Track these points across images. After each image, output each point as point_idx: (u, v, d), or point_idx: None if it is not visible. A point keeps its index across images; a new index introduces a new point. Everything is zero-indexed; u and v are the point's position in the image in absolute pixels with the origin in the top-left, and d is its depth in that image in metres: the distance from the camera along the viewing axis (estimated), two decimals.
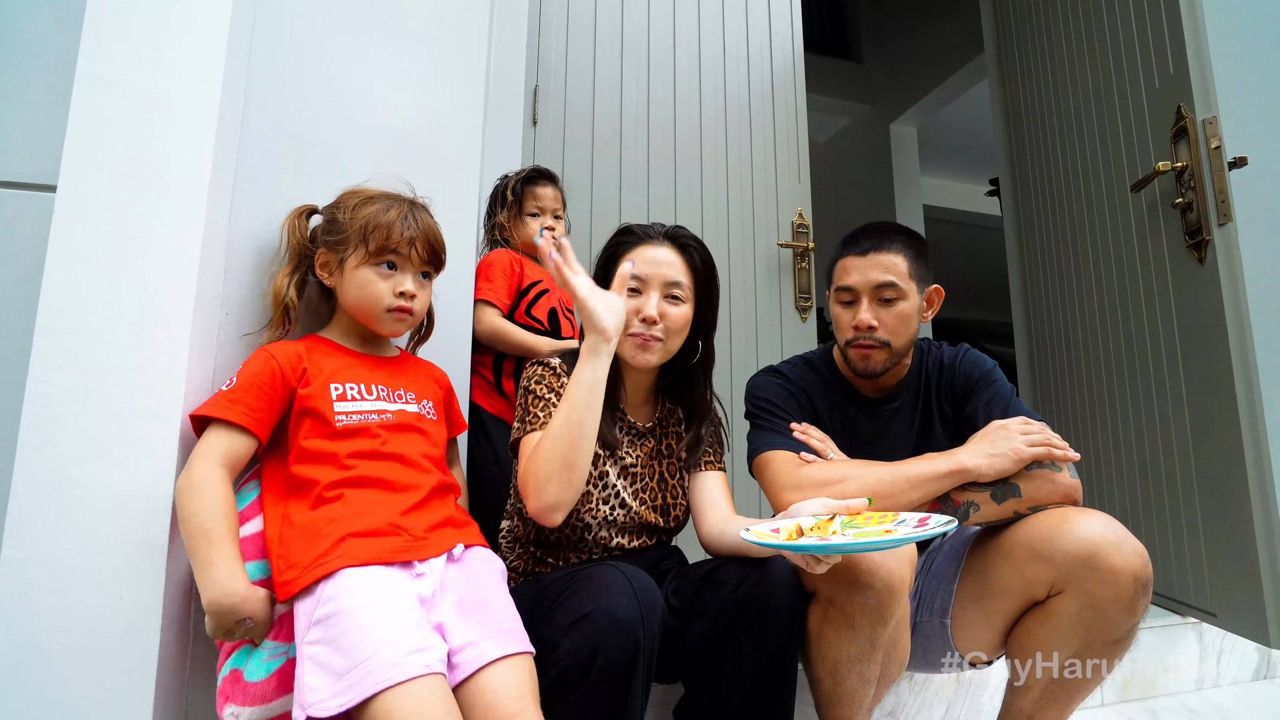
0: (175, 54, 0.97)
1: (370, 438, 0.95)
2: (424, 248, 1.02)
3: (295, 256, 1.03)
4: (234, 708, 0.82)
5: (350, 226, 0.99)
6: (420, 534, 0.91)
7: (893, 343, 1.18)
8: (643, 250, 1.10)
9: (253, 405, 0.91)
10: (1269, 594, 1.37)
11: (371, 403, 0.98)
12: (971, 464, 1.05)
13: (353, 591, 0.80)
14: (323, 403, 0.94)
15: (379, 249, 0.98)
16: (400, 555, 0.87)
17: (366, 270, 0.99)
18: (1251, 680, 1.74)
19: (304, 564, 0.84)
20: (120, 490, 0.87)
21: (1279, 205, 2.11)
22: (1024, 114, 2.36)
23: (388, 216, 0.99)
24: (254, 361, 0.94)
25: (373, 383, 1.00)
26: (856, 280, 1.19)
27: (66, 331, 0.87)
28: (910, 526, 0.85)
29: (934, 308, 1.25)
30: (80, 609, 0.83)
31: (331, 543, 0.85)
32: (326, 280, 1.02)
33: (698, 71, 2.17)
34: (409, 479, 0.95)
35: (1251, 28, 2.21)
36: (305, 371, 0.96)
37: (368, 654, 0.74)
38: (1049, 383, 2.23)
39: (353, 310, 1.02)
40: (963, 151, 5.34)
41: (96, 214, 0.90)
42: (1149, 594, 0.97)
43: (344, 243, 0.99)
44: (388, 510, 0.90)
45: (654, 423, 1.17)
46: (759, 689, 0.98)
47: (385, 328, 1.02)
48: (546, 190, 1.60)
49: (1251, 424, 1.43)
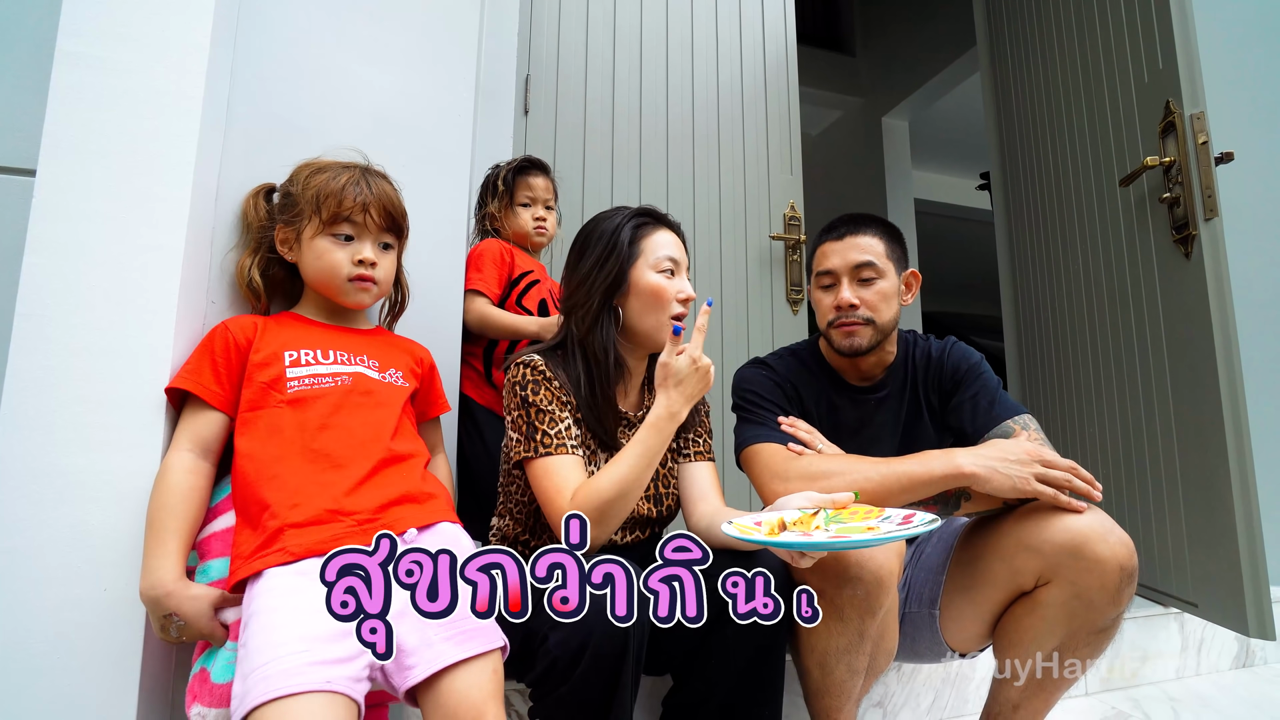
0: (158, 32, 0.95)
1: (319, 405, 0.90)
2: (379, 213, 0.98)
3: (256, 237, 1.02)
4: (200, 708, 0.79)
5: (303, 197, 0.97)
6: (368, 514, 0.84)
7: (876, 319, 1.20)
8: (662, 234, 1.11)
9: (205, 374, 0.89)
10: (1248, 585, 1.39)
11: (326, 366, 0.94)
12: (970, 469, 1.03)
13: (272, 591, 0.76)
14: (275, 369, 0.91)
15: (332, 217, 0.96)
16: (339, 542, 0.76)
17: (322, 240, 0.97)
18: (1231, 669, 1.77)
19: (245, 554, 0.81)
20: (103, 479, 0.85)
21: (1265, 200, 2.14)
22: (1015, 108, 2.36)
23: (338, 183, 0.97)
24: (209, 334, 0.93)
25: (331, 348, 0.97)
26: (835, 263, 1.22)
27: (46, 317, 0.86)
28: (894, 524, 0.85)
29: (912, 291, 1.27)
30: (64, 600, 0.82)
31: (268, 535, 0.81)
32: (287, 256, 1.00)
33: (690, 63, 2.16)
34: (358, 451, 0.89)
35: (1239, 24, 2.23)
36: (258, 338, 0.93)
37: (262, 661, 0.68)
38: (1036, 375, 2.25)
39: (314, 283, 1.00)
40: (954, 145, 5.36)
41: (77, 198, 0.89)
42: (1134, 584, 0.98)
43: (299, 215, 0.97)
44: (329, 491, 0.84)
45: (644, 411, 1.17)
46: (747, 680, 0.98)
47: (349, 298, 1.00)
48: (538, 180, 1.59)
49: (1234, 417, 1.45)
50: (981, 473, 1.02)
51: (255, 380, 0.90)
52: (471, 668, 0.77)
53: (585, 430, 1.08)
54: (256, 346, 0.92)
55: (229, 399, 0.90)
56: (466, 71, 1.31)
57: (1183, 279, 1.58)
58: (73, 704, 0.81)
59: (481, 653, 0.78)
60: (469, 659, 0.77)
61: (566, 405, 1.05)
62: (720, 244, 2.10)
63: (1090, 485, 1.01)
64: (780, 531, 0.88)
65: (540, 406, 1.02)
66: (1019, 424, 1.13)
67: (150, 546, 0.81)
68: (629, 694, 0.87)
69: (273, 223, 1.01)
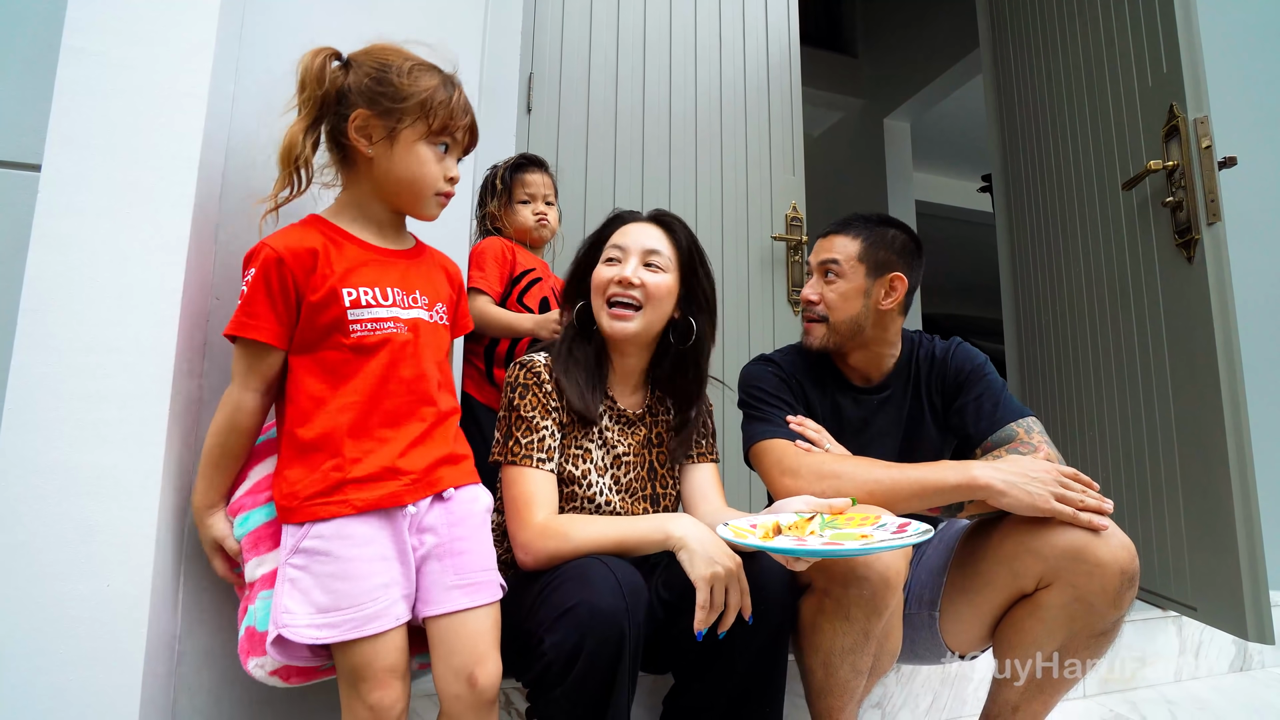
0: (164, 28, 0.94)
1: (380, 356, 0.89)
2: (472, 135, 0.96)
3: (316, 108, 0.89)
4: (257, 659, 0.87)
5: (408, 93, 0.88)
6: (419, 473, 0.89)
7: (830, 318, 1.23)
8: (626, 227, 1.14)
9: (268, 319, 0.85)
10: (1248, 589, 1.40)
11: (386, 309, 0.90)
12: (985, 480, 1.01)
13: (343, 538, 0.84)
14: (335, 309, 0.87)
15: (441, 128, 0.90)
16: (396, 501, 0.87)
17: (425, 148, 0.90)
18: (1228, 673, 1.77)
19: (302, 496, 0.85)
20: (107, 475, 0.85)
21: (1267, 205, 2.14)
22: (1017, 111, 2.36)
23: (448, 94, 0.91)
24: (260, 267, 0.85)
25: (388, 285, 0.91)
26: (812, 259, 1.28)
27: (50, 313, 0.85)
28: (889, 532, 0.86)
29: (895, 294, 1.22)
30: (67, 596, 0.82)
31: (329, 485, 0.85)
32: (364, 147, 0.89)
33: (693, 62, 2.16)
34: (416, 408, 0.91)
35: (1244, 29, 2.23)
36: (317, 273, 0.87)
37: (352, 602, 0.82)
38: (1037, 377, 2.25)
39: (394, 186, 0.91)
40: (956, 147, 5.36)
41: (82, 194, 0.88)
42: (1135, 587, 0.98)
43: (399, 112, 0.88)
44: (389, 450, 0.88)
45: (644, 410, 1.17)
46: (750, 679, 0.99)
47: (427, 211, 0.94)
48: (536, 176, 1.59)
49: (1235, 422, 1.45)
50: (999, 485, 1.00)
51: (316, 320, 0.87)
52: (479, 614, 0.89)
53: (567, 411, 1.08)
54: (313, 285, 0.87)
55: (289, 336, 0.88)
56: (469, 70, 1.30)
57: (1185, 283, 1.58)
58: (74, 701, 0.81)
59: (487, 603, 0.90)
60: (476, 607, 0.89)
61: (551, 413, 1.06)
62: (722, 243, 2.10)
63: (1100, 501, 1.01)
64: (775, 536, 0.88)
65: (521, 413, 1.05)
66: (1022, 427, 1.13)
67: (203, 476, 0.90)
68: (625, 694, 0.88)
69: (343, 100, 0.89)
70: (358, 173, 0.93)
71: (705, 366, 1.18)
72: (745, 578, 0.93)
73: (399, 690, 0.85)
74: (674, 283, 1.11)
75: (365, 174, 0.92)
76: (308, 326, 0.87)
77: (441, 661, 0.87)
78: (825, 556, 0.84)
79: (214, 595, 1.00)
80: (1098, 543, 0.97)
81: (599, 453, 1.11)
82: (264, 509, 0.90)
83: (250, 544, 0.89)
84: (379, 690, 0.83)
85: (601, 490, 1.09)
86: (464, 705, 0.86)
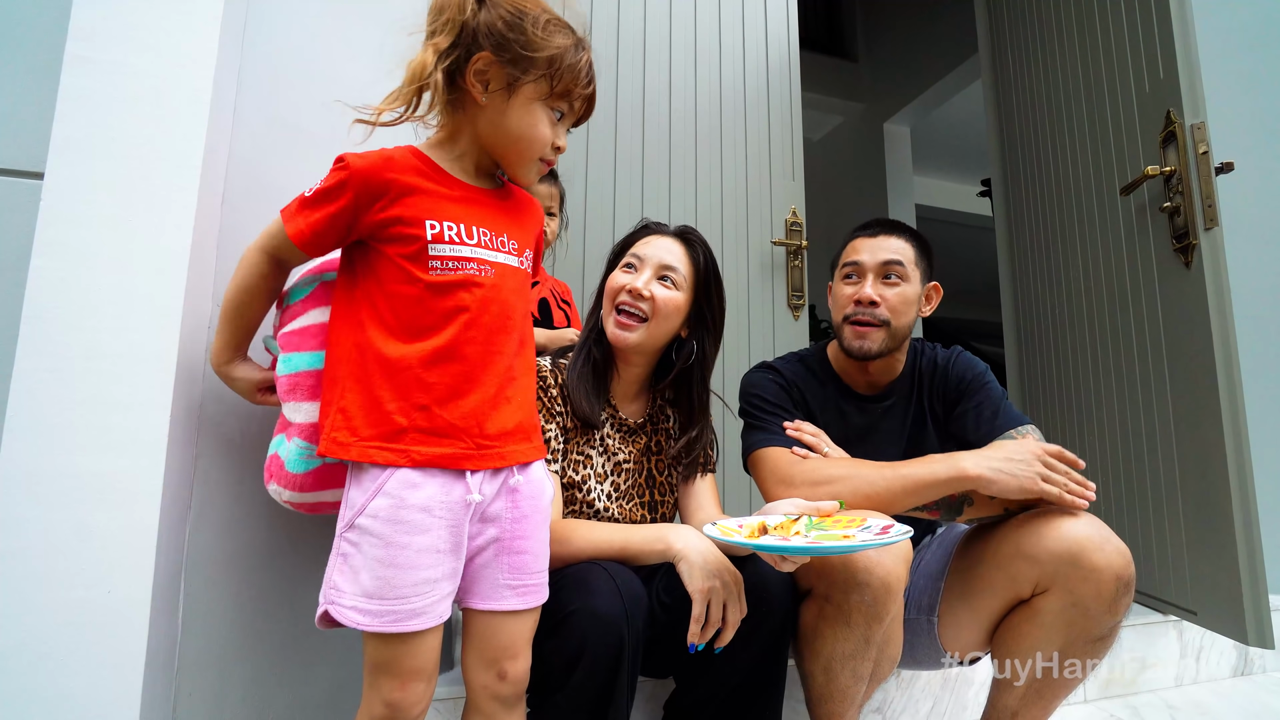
0: (166, 36, 0.95)
1: (461, 298, 0.83)
2: (589, 106, 0.91)
3: (456, 32, 0.83)
4: (276, 487, 0.91)
5: (540, 48, 0.83)
6: (488, 440, 0.84)
7: (892, 322, 1.18)
8: (650, 238, 1.14)
9: (315, 225, 0.82)
10: (1247, 593, 1.39)
11: (470, 248, 0.84)
12: (975, 471, 1.01)
13: (398, 523, 0.79)
14: (416, 241, 0.82)
15: (565, 91, 0.86)
16: (463, 464, 0.82)
17: (541, 108, 0.85)
18: (1229, 677, 1.77)
19: (361, 435, 0.80)
20: (108, 481, 0.86)
21: (1264, 210, 2.15)
22: (1016, 116, 2.37)
23: (579, 59, 0.86)
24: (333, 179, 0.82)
25: (474, 224, 0.86)
26: (865, 257, 1.21)
27: (52, 320, 0.86)
28: (873, 534, 0.86)
29: (932, 304, 1.27)
30: (68, 602, 0.83)
31: (390, 430, 0.80)
32: (479, 94, 0.84)
33: (693, 67, 2.17)
34: (492, 360, 0.85)
35: (1240, 34, 2.23)
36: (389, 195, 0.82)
37: (397, 594, 0.78)
38: (1036, 382, 2.26)
39: (502, 140, 0.87)
40: (955, 152, 5.37)
41: (84, 201, 0.89)
42: (1131, 593, 0.98)
43: (525, 63, 0.83)
44: (459, 407, 0.82)
45: (645, 419, 1.17)
46: (750, 684, 0.99)
47: (528, 175, 0.90)
48: (540, 188, 1.59)
49: (1233, 427, 1.45)
50: (987, 474, 1.01)
51: (392, 249, 0.82)
52: (527, 616, 0.88)
53: (571, 416, 1.09)
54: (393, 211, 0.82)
55: (324, 248, 0.85)
56: None
57: (1183, 288, 1.59)
58: (76, 705, 0.82)
59: (535, 606, 0.88)
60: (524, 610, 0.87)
61: (555, 417, 1.07)
62: (722, 248, 2.10)
63: (1083, 486, 1.02)
64: (760, 535, 0.89)
65: None
66: (1020, 434, 1.13)
67: (217, 331, 0.92)
68: (625, 699, 0.88)
69: (471, 38, 0.83)
70: (465, 117, 0.87)
71: (707, 385, 1.18)
72: (745, 595, 0.93)
73: (421, 691, 0.82)
74: (684, 301, 1.11)
75: (472, 120, 0.87)
76: (383, 250, 0.83)
77: (474, 651, 0.86)
78: (809, 554, 0.84)
79: (214, 601, 1.00)
80: (1093, 548, 0.97)
81: (599, 459, 1.11)
82: (310, 356, 0.90)
83: (290, 386, 0.89)
84: (400, 690, 0.80)
85: (600, 496, 1.09)
86: (490, 695, 0.85)
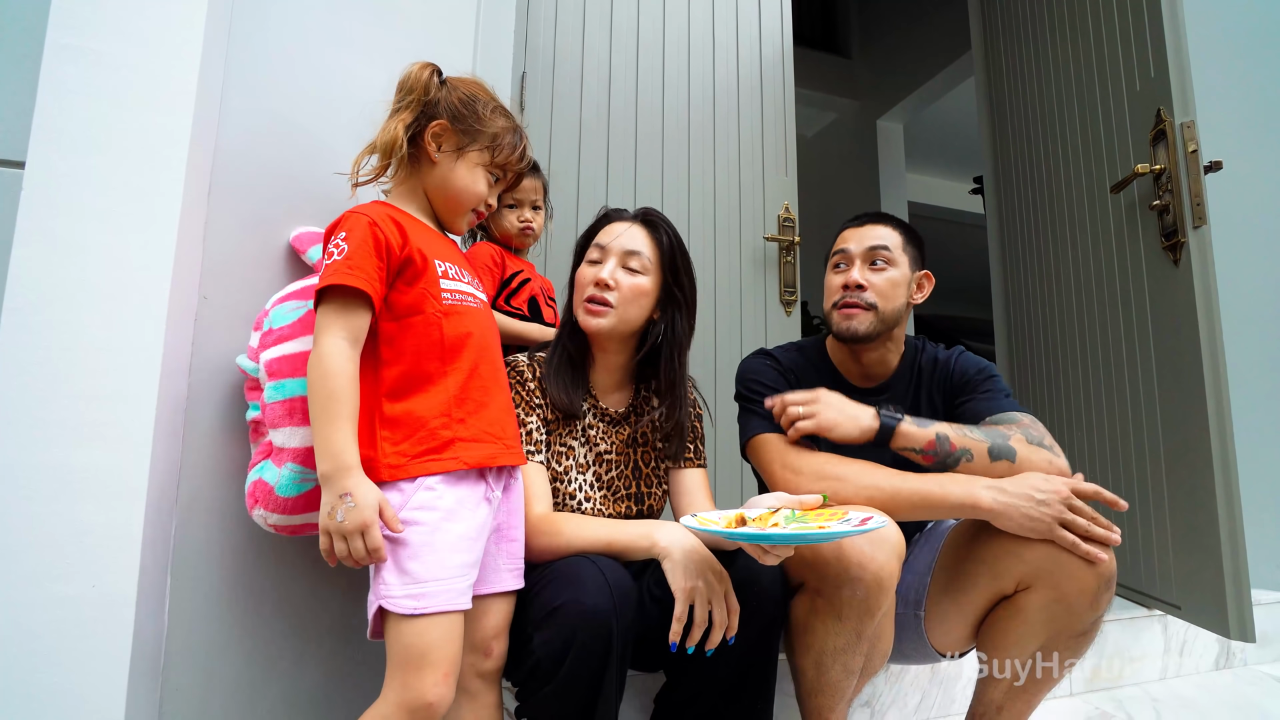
0: (151, 25, 0.94)
1: (471, 325, 0.95)
2: (518, 179, 1.08)
3: (418, 110, 0.97)
4: (263, 511, 0.94)
5: (487, 125, 1.00)
6: (509, 439, 0.96)
7: (879, 306, 1.19)
8: (611, 226, 1.14)
9: (369, 272, 0.86)
10: (1230, 588, 1.41)
11: (463, 284, 0.98)
12: (988, 504, 1.00)
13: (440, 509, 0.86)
14: (429, 276, 0.93)
15: (502, 164, 1.02)
16: (494, 461, 0.92)
17: (481, 171, 1.01)
18: (1212, 670, 1.79)
19: (411, 454, 0.87)
20: (95, 474, 0.85)
21: (1253, 209, 2.16)
22: (1009, 113, 2.38)
23: (519, 143, 1.03)
24: (356, 228, 0.88)
25: (458, 264, 1.00)
26: (851, 246, 1.24)
27: (36, 311, 0.85)
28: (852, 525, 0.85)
29: (924, 292, 1.28)
30: (53, 597, 0.82)
31: (439, 443, 0.88)
32: (433, 152, 0.99)
33: (686, 62, 2.16)
34: (498, 377, 0.99)
35: (1230, 34, 2.25)
36: (406, 242, 0.92)
37: (436, 576, 0.83)
38: (1026, 377, 2.27)
39: (444, 194, 1.01)
40: (948, 149, 5.38)
41: (67, 191, 0.88)
42: (1113, 589, 0.99)
43: (475, 134, 0.99)
44: (487, 414, 0.93)
45: (627, 408, 1.17)
46: (741, 678, 0.99)
47: (458, 225, 1.04)
48: (525, 181, 1.58)
49: (1219, 423, 1.47)
50: (998, 509, 0.99)
51: (413, 285, 0.92)
52: (511, 598, 0.96)
53: (551, 408, 1.10)
54: (407, 255, 0.91)
55: (381, 296, 0.90)
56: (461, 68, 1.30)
57: (1171, 285, 1.60)
58: (60, 701, 0.81)
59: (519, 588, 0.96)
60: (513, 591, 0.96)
61: (535, 409, 1.08)
62: (714, 244, 2.10)
63: (1108, 532, 0.99)
64: (739, 526, 0.88)
65: None
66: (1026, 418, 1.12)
67: (328, 431, 0.82)
68: (614, 692, 0.88)
69: (431, 109, 0.98)
70: (418, 171, 1.01)
71: (683, 360, 1.17)
72: (734, 596, 0.93)
73: (453, 685, 0.83)
74: (651, 284, 1.11)
75: (424, 174, 1.00)
76: (405, 288, 0.92)
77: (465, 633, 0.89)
78: (785, 543, 0.83)
79: (201, 596, 0.99)
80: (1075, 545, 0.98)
81: (581, 450, 1.11)
82: (304, 381, 0.89)
83: (286, 411, 0.93)
84: (442, 685, 0.81)
85: (581, 487, 1.09)
86: (476, 673, 0.92)
